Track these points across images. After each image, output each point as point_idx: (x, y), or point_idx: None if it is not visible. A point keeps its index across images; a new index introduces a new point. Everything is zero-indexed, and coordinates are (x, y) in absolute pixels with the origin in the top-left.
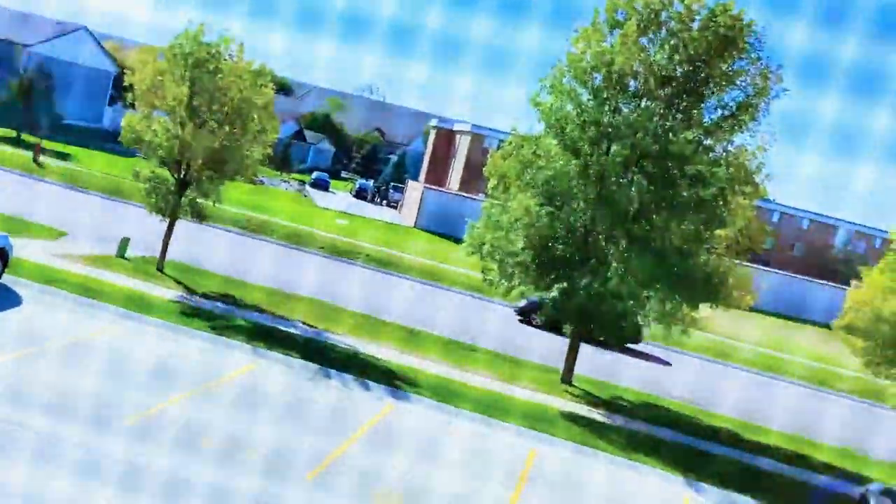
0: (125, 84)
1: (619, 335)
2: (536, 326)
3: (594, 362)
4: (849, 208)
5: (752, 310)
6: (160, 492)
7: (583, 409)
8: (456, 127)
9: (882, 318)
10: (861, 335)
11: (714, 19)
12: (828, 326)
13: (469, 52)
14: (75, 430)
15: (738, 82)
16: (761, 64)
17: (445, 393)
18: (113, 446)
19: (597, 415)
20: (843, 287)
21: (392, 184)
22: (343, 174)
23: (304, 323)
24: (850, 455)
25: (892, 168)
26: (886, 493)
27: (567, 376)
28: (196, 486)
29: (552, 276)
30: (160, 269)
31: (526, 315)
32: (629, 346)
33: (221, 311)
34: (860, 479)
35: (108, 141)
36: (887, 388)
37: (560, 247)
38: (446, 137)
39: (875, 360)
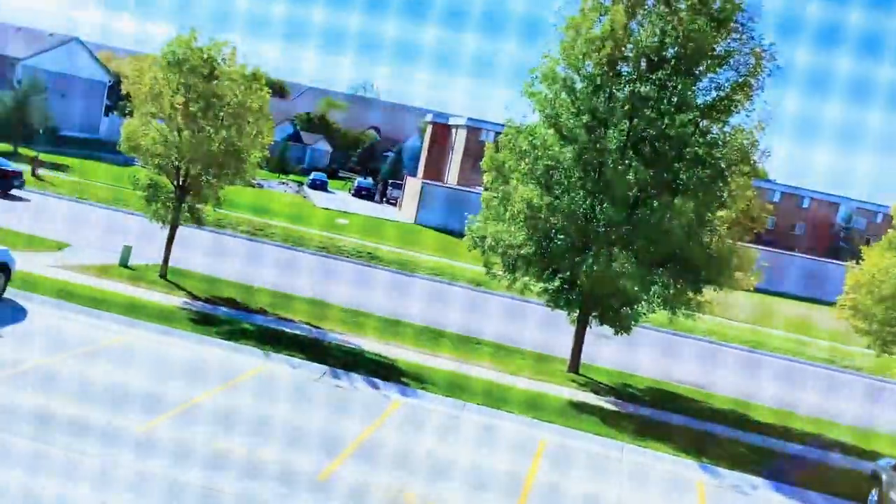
0: (123, 93)
1: (623, 322)
2: None
3: None
4: (852, 185)
5: (757, 291)
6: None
7: (591, 398)
8: (451, 121)
9: (882, 297)
10: (862, 316)
11: (701, 1)
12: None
13: (464, 45)
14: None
15: (730, 62)
16: (753, 43)
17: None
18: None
19: (604, 402)
20: (844, 264)
21: (390, 181)
22: (341, 174)
23: (307, 324)
24: (860, 432)
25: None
26: None
27: (574, 365)
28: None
29: (555, 267)
30: (163, 276)
31: None
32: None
33: (226, 316)
34: (873, 455)
35: (105, 151)
36: (893, 362)
37: (562, 237)
38: (442, 132)
39: (878, 339)
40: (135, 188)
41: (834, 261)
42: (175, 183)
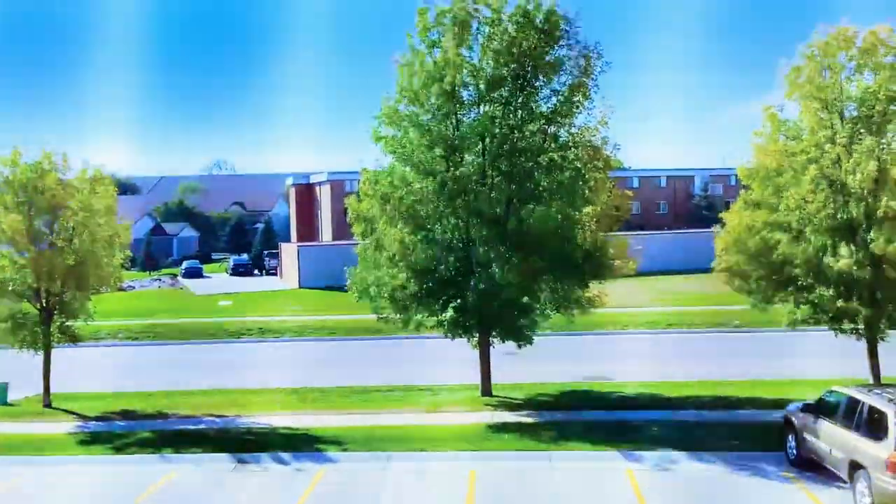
0: None
1: (523, 334)
2: None
3: None
4: (703, 155)
5: (641, 274)
6: None
7: (509, 416)
8: (313, 179)
9: (750, 254)
10: (739, 275)
11: (525, 17)
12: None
13: (311, 100)
14: None
15: (563, 68)
16: (580, 46)
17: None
18: None
19: (522, 417)
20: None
21: (266, 252)
22: (214, 256)
23: (210, 416)
24: (765, 385)
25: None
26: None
27: (486, 388)
28: None
29: (444, 298)
30: (48, 405)
31: None
32: None
33: (122, 429)
34: (782, 404)
35: None
36: (775, 313)
37: (443, 267)
38: (306, 192)
39: (756, 295)
40: None
41: (698, 230)
42: (38, 305)
